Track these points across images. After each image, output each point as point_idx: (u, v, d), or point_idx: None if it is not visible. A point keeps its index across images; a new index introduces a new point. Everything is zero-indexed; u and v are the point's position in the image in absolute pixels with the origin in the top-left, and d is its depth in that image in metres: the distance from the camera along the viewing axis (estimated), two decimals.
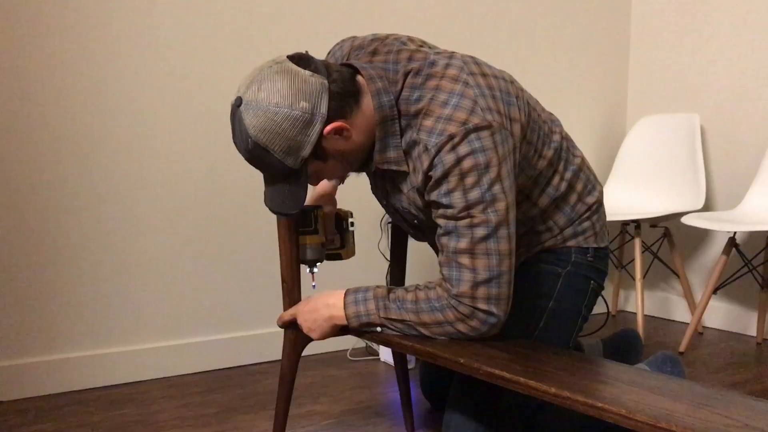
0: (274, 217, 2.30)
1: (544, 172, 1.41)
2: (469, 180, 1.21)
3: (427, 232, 1.45)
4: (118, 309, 2.07)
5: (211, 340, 2.22)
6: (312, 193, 1.63)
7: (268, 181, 1.28)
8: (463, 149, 1.20)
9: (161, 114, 2.10)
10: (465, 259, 1.23)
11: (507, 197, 1.24)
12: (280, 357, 1.53)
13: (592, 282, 1.50)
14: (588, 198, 1.48)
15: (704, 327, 2.84)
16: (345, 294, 1.35)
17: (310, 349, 2.34)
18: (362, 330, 1.35)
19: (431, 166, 1.23)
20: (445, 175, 1.22)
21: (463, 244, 1.23)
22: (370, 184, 1.50)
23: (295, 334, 1.46)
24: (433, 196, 1.25)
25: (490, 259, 1.23)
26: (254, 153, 1.21)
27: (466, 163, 1.20)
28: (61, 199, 1.96)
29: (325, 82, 1.20)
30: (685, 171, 2.79)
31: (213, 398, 1.94)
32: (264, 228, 2.28)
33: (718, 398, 1.01)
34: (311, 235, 1.47)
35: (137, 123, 2.06)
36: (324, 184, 1.62)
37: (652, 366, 1.66)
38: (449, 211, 1.23)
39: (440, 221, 1.26)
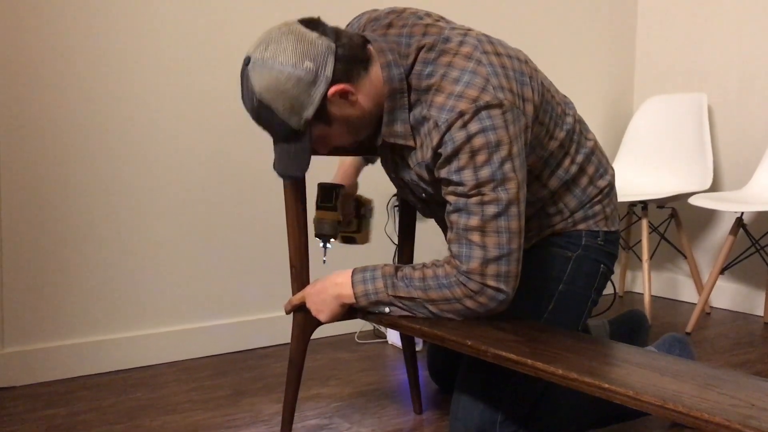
0: (282, 201, 2.30)
1: (555, 154, 1.41)
2: (480, 158, 1.21)
3: (435, 208, 1.45)
4: (129, 294, 2.08)
5: (221, 324, 2.23)
6: (336, 171, 1.65)
7: (275, 143, 1.29)
8: (473, 127, 1.20)
9: (166, 101, 2.10)
10: (475, 237, 1.23)
11: (518, 176, 1.24)
12: (288, 340, 1.54)
13: (602, 266, 1.50)
14: (599, 181, 1.48)
15: (711, 307, 2.84)
16: (352, 273, 1.35)
17: (318, 333, 2.35)
18: (370, 310, 1.36)
19: (441, 143, 1.23)
20: (456, 153, 1.21)
21: (474, 221, 1.23)
22: (380, 158, 1.51)
23: (303, 318, 1.47)
24: (443, 173, 1.25)
25: (500, 237, 1.23)
26: (259, 111, 1.24)
27: (477, 141, 1.20)
28: (71, 187, 1.97)
29: (332, 45, 1.21)
30: (693, 151, 2.78)
31: (223, 381, 1.96)
32: (273, 213, 2.29)
33: (724, 379, 1.01)
34: (330, 211, 1.51)
35: (142, 111, 2.06)
36: (348, 165, 1.63)
37: (661, 349, 1.66)
38: (460, 189, 1.23)
39: (450, 198, 1.26)
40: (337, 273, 1.38)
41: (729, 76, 2.81)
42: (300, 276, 1.48)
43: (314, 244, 2.06)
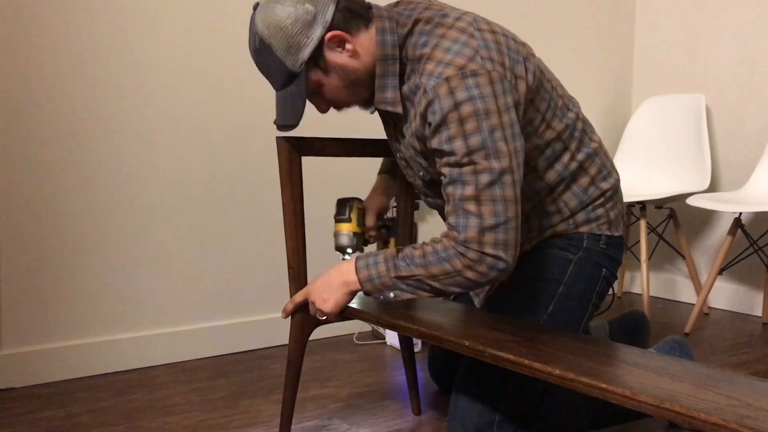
0: (280, 203, 2.30)
1: (552, 145, 1.40)
2: (469, 126, 1.21)
3: (438, 192, 1.45)
4: (127, 296, 2.08)
5: (219, 325, 2.23)
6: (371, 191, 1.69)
7: (276, 92, 1.32)
8: (460, 94, 1.21)
9: (166, 104, 2.10)
10: (471, 206, 1.23)
11: (509, 145, 1.23)
12: (287, 341, 1.54)
13: (604, 270, 1.49)
14: (602, 183, 1.47)
15: (710, 308, 2.84)
16: (356, 260, 1.36)
17: (316, 334, 2.35)
18: (374, 295, 1.35)
19: (428, 108, 1.24)
20: (444, 120, 1.22)
21: (469, 191, 1.23)
22: (386, 134, 1.53)
23: (302, 319, 1.47)
24: (435, 143, 1.26)
25: (495, 206, 1.23)
26: (259, 51, 1.27)
27: (465, 109, 1.21)
28: (69, 190, 1.97)
29: None
30: (691, 152, 2.79)
31: (221, 383, 1.96)
32: (270, 214, 2.29)
33: (721, 379, 1.01)
34: (344, 222, 1.56)
35: (141, 113, 2.06)
36: (378, 185, 1.69)
37: (661, 351, 1.66)
38: (452, 158, 1.24)
39: (444, 170, 1.27)
40: (339, 264, 1.39)
41: (727, 76, 2.81)
42: (298, 277, 1.48)
43: (312, 245, 2.06)
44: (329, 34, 1.25)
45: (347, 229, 1.55)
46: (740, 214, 2.45)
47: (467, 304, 1.66)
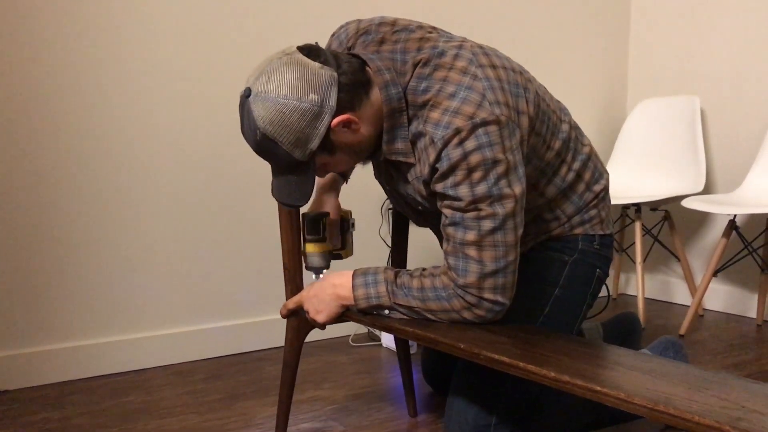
0: (275, 205, 2.30)
1: (552, 163, 1.41)
2: (477, 175, 1.21)
3: (430, 218, 1.45)
4: (122, 298, 2.08)
5: (215, 327, 2.23)
6: (316, 187, 1.58)
7: (276, 173, 1.28)
8: (470, 144, 1.20)
9: (163, 105, 2.10)
10: (472, 251, 1.24)
11: (514, 191, 1.24)
12: (282, 343, 1.54)
13: (597, 270, 1.51)
14: (595, 186, 1.48)
15: (705, 309, 2.85)
16: (353, 275, 1.35)
17: (312, 336, 2.35)
18: (368, 312, 1.36)
19: (438, 159, 1.23)
20: (452, 169, 1.21)
21: (471, 236, 1.23)
22: (374, 169, 1.50)
23: (298, 321, 1.47)
24: (439, 188, 1.25)
25: (497, 251, 1.24)
26: (262, 145, 1.21)
27: (474, 158, 1.20)
28: (66, 191, 1.97)
29: (335, 74, 1.19)
30: (686, 154, 2.79)
31: (217, 385, 1.96)
32: (265, 216, 2.29)
33: (715, 381, 1.02)
34: (319, 243, 1.47)
35: (139, 115, 2.06)
36: (327, 187, 1.59)
37: (654, 352, 1.67)
38: (456, 204, 1.24)
39: (446, 211, 1.27)
40: (336, 274, 1.38)
41: (721, 79, 2.82)
42: (293, 278, 1.48)
43: None
44: (336, 120, 1.21)
45: (321, 249, 1.47)
46: (735, 216, 2.46)
47: None
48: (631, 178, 2.92)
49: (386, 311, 1.35)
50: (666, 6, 3.02)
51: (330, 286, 1.37)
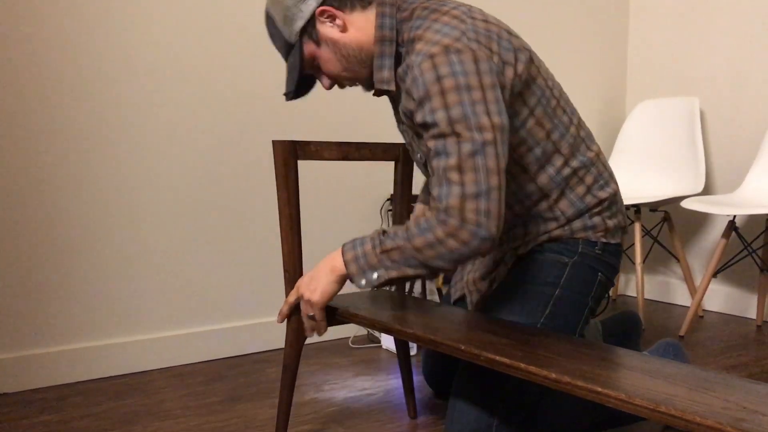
0: (275, 207, 2.30)
1: (542, 144, 1.41)
2: (451, 98, 1.24)
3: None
4: (122, 300, 2.08)
5: (215, 329, 2.23)
6: None
7: (285, 60, 1.45)
8: (443, 69, 1.24)
9: (162, 107, 2.10)
10: (454, 175, 1.24)
11: (492, 119, 1.25)
12: (282, 346, 1.54)
13: (599, 274, 1.50)
14: (599, 192, 1.48)
15: (704, 310, 2.85)
16: (344, 244, 1.38)
17: (312, 338, 2.35)
18: (359, 280, 1.33)
19: (413, 83, 1.28)
20: (427, 94, 1.26)
21: (452, 160, 1.24)
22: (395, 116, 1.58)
23: (298, 323, 1.47)
24: (419, 117, 1.28)
25: (477, 174, 1.23)
26: (266, 23, 1.42)
27: (446, 83, 1.24)
28: (64, 194, 1.97)
29: None
30: (685, 155, 2.80)
31: (217, 387, 1.95)
32: (266, 218, 2.29)
33: (716, 381, 1.02)
34: None
35: (136, 117, 2.06)
36: None
37: (654, 354, 1.66)
38: (435, 130, 1.26)
39: (430, 143, 1.28)
40: (325, 261, 1.40)
41: (721, 79, 2.82)
42: (293, 280, 1.48)
43: (307, 248, 2.06)
44: (319, 9, 1.36)
45: None
46: (734, 216, 2.46)
47: (461, 304, 1.66)
48: (631, 179, 2.93)
49: (374, 275, 1.31)
50: (665, 6, 3.02)
51: (323, 262, 1.39)
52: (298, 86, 1.44)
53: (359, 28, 1.39)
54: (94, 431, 1.65)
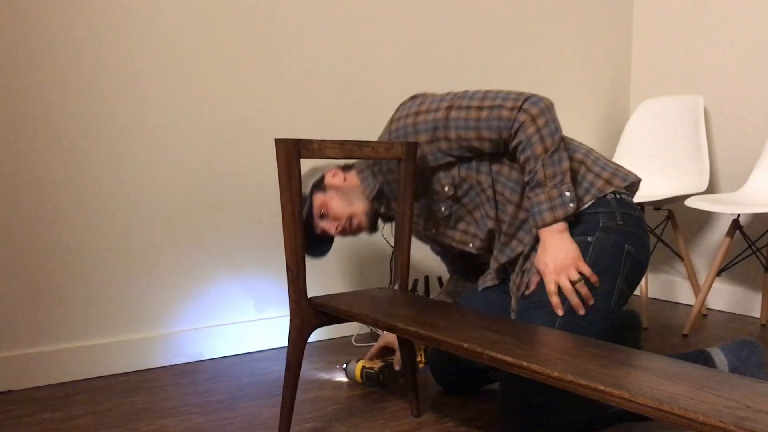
0: (278, 205, 2.30)
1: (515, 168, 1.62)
2: (432, 106, 1.63)
3: (459, 212, 1.73)
4: (125, 298, 2.08)
5: (218, 327, 2.23)
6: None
7: None
8: (411, 110, 1.66)
9: (165, 107, 2.10)
10: (487, 102, 1.55)
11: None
12: (285, 344, 1.54)
13: (627, 245, 1.53)
14: (576, 155, 1.64)
15: (708, 309, 2.84)
16: (536, 221, 1.52)
17: (315, 336, 2.35)
18: (570, 206, 1.50)
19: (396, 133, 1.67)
20: (415, 125, 1.63)
21: (475, 102, 1.56)
22: (419, 229, 1.83)
23: (300, 321, 1.47)
24: (453, 135, 1.59)
25: (499, 94, 1.56)
26: None
27: (417, 110, 1.65)
28: (66, 192, 1.97)
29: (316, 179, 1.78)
30: (689, 153, 2.79)
31: (220, 385, 1.96)
32: (269, 217, 2.29)
33: (720, 380, 1.01)
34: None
35: (138, 117, 2.06)
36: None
37: (727, 351, 1.65)
38: (437, 114, 1.60)
39: (462, 133, 1.58)
40: (547, 237, 1.51)
41: (725, 78, 2.81)
42: (297, 279, 1.48)
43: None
44: (328, 172, 1.83)
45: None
46: (738, 215, 2.45)
47: (501, 292, 1.75)
48: None
49: (568, 194, 1.50)
50: (669, 5, 3.02)
51: (548, 239, 1.50)
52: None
53: (354, 183, 1.81)
54: (98, 428, 1.65)
